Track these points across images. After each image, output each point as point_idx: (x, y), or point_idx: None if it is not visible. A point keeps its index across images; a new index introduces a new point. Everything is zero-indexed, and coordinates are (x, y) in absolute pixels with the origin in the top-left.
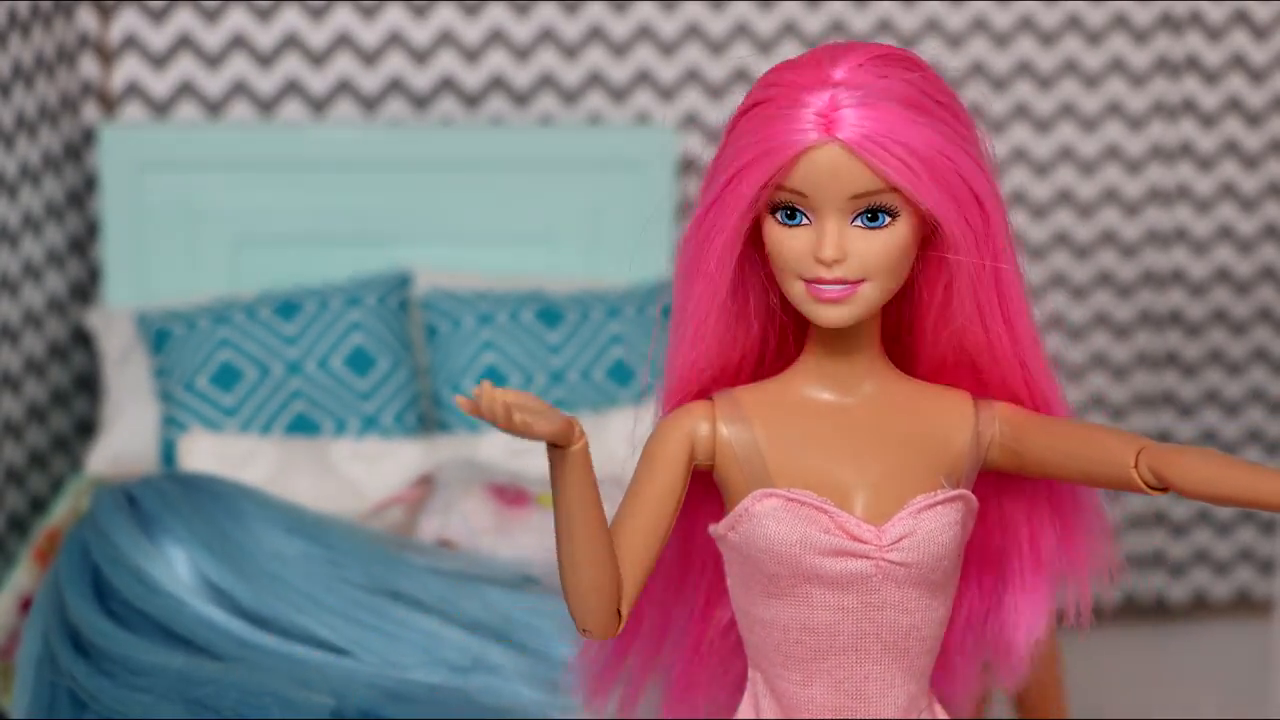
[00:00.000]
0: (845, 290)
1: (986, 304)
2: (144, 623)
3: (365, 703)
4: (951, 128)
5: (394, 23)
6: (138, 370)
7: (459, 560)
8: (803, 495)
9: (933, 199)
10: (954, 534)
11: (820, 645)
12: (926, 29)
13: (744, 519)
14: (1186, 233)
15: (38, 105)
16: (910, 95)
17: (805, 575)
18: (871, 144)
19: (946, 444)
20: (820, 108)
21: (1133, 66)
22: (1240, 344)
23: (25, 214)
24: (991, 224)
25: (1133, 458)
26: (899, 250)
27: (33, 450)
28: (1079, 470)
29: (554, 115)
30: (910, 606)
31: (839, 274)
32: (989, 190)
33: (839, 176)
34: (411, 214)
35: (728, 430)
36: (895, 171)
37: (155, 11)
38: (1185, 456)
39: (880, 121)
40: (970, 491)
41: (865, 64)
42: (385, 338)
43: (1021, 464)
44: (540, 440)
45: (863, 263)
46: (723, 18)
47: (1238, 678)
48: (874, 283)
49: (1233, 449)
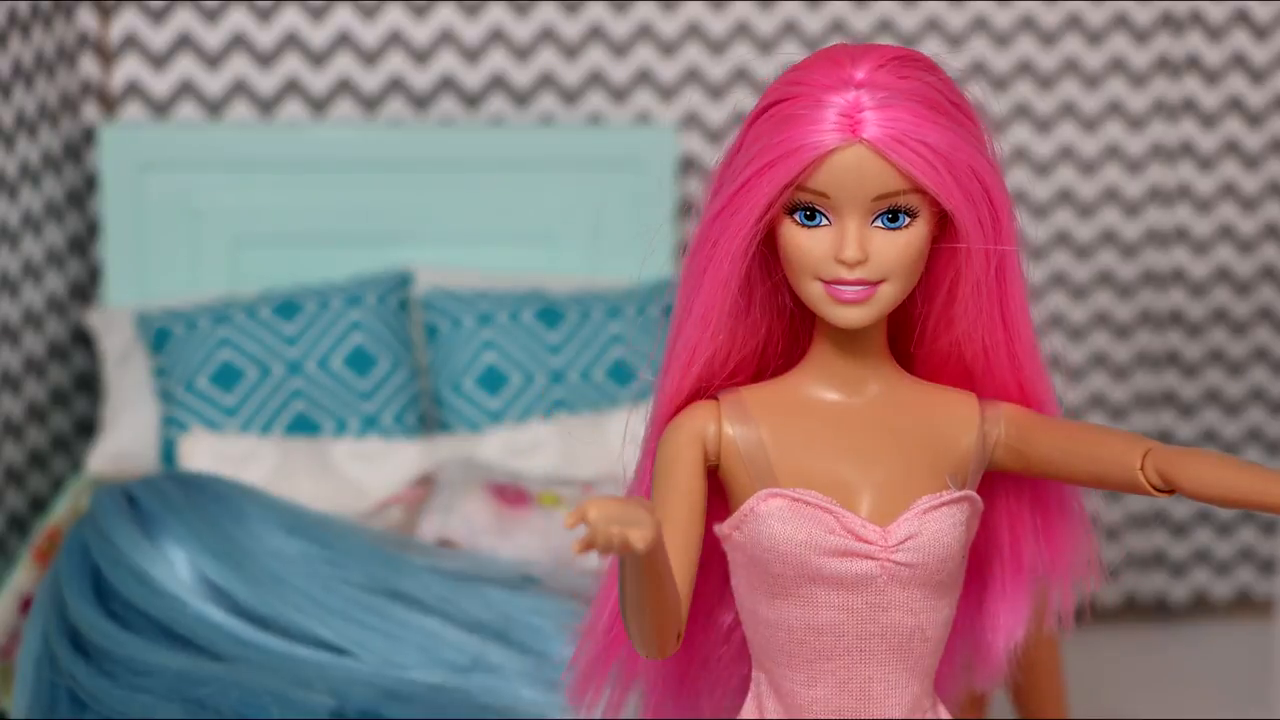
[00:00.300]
0: (865, 291)
1: (989, 304)
2: (144, 623)
3: (365, 702)
4: (967, 129)
5: (394, 22)
6: (138, 370)
7: (460, 560)
8: (808, 495)
9: (955, 199)
10: (959, 535)
11: (825, 646)
12: (927, 29)
13: (749, 519)
14: (1187, 232)
15: (38, 105)
16: (930, 96)
17: (810, 576)
18: (898, 144)
19: (953, 444)
20: (844, 108)
21: (1133, 66)
22: (1241, 344)
23: (25, 214)
24: (1001, 223)
25: (1139, 459)
26: (918, 251)
27: (33, 450)
28: (1085, 471)
29: (554, 115)
30: (915, 607)
31: (860, 275)
32: (1000, 190)
33: (864, 177)
34: (412, 214)
35: (733, 430)
36: (921, 172)
37: (155, 11)
38: (1191, 459)
39: (905, 122)
40: (975, 493)
41: (886, 65)
42: (385, 337)
43: (1027, 465)
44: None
45: (883, 264)
46: (723, 17)
47: (1238, 678)
48: (892, 283)
49: (1233, 449)
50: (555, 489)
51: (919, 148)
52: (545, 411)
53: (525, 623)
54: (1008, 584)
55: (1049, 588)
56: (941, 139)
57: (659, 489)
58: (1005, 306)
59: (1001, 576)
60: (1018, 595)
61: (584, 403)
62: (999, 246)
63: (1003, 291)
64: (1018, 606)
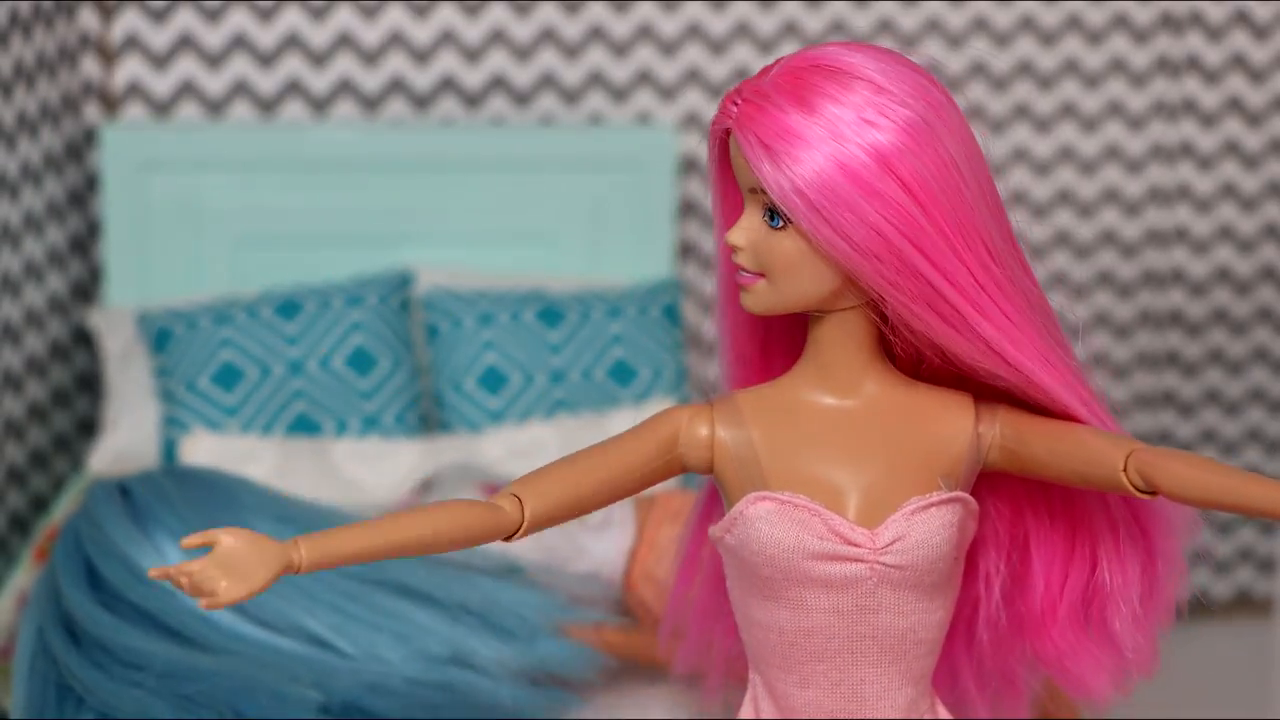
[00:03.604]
0: (748, 279)
1: (950, 336)
2: (134, 613)
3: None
4: (848, 141)
5: (395, 23)
6: (139, 370)
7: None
8: (796, 498)
9: (792, 203)
10: (949, 536)
11: (816, 648)
12: (927, 29)
13: (738, 522)
14: (1187, 233)
15: (39, 105)
16: (814, 102)
17: (799, 578)
18: (744, 134)
19: (946, 445)
20: (732, 93)
21: (1133, 66)
22: (1240, 344)
23: (27, 214)
24: (904, 257)
25: (1122, 461)
26: (791, 258)
27: (34, 450)
28: (1072, 472)
29: (555, 115)
30: (906, 610)
31: (740, 261)
32: (903, 223)
33: (739, 165)
34: (412, 214)
35: (725, 434)
36: (753, 163)
37: (157, 11)
38: (1172, 461)
39: (763, 116)
40: (969, 494)
41: (799, 67)
42: (387, 337)
43: (1020, 465)
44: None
45: (759, 258)
46: (723, 18)
47: (1238, 678)
48: (770, 283)
49: (1233, 448)
50: None
51: (756, 142)
52: (546, 411)
53: (510, 611)
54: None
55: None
56: (805, 157)
57: (619, 434)
58: (971, 335)
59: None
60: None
61: (584, 402)
62: (908, 271)
63: (952, 321)
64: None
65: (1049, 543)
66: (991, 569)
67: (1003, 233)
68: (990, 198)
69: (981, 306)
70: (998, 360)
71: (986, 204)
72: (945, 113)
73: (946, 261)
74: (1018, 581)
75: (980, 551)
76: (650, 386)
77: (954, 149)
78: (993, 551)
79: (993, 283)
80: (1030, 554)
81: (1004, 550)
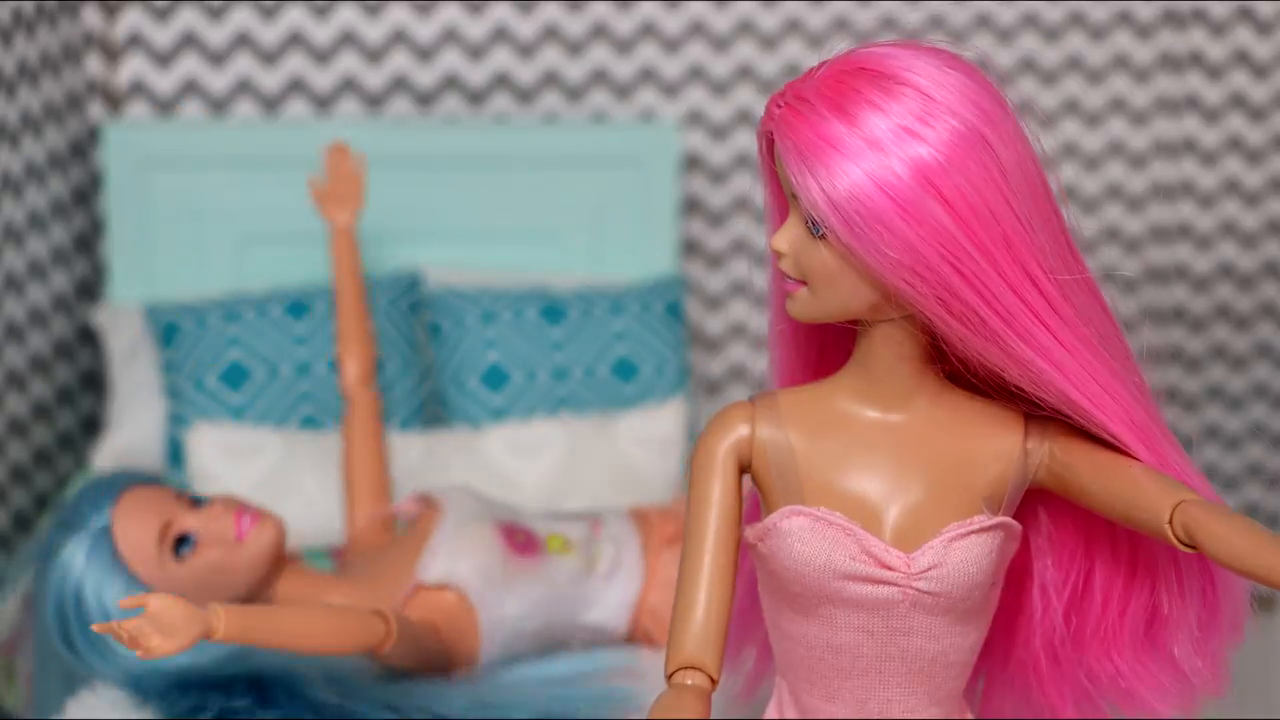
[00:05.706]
0: (792, 285)
1: (970, 340)
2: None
3: None
4: (884, 151)
5: (398, 20)
6: (144, 367)
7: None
8: (831, 516)
9: (824, 212)
10: (987, 563)
11: (844, 665)
12: (930, 26)
13: (772, 534)
14: (1190, 228)
15: (43, 103)
16: (854, 112)
17: (830, 596)
18: (784, 139)
19: (990, 465)
20: (777, 95)
21: (1136, 62)
22: (1243, 339)
23: (31, 212)
24: (931, 266)
25: (1168, 511)
26: (830, 267)
27: (39, 448)
28: (1117, 510)
29: (558, 112)
30: (938, 633)
31: (784, 267)
32: (936, 240)
33: (782, 170)
34: (415, 211)
35: (764, 434)
36: (791, 169)
37: (160, 9)
38: (1220, 526)
39: (804, 132)
40: (1012, 517)
41: (844, 70)
42: (395, 340)
43: (1066, 490)
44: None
45: (801, 265)
46: (726, 14)
47: (1239, 677)
48: (811, 291)
49: (1235, 444)
50: (562, 529)
51: (794, 150)
52: (549, 409)
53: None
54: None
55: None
56: (839, 169)
57: (696, 499)
58: (1013, 357)
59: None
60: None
61: (587, 400)
62: (945, 286)
63: (996, 341)
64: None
65: (1111, 565)
66: (1052, 588)
67: (1057, 248)
68: (1044, 214)
69: (1025, 328)
70: (1044, 385)
71: (1039, 219)
72: (996, 122)
73: (989, 281)
74: (1076, 603)
75: (1040, 568)
76: (653, 383)
77: (1005, 161)
78: (1052, 569)
79: (1042, 301)
80: (1093, 574)
81: (1065, 570)
